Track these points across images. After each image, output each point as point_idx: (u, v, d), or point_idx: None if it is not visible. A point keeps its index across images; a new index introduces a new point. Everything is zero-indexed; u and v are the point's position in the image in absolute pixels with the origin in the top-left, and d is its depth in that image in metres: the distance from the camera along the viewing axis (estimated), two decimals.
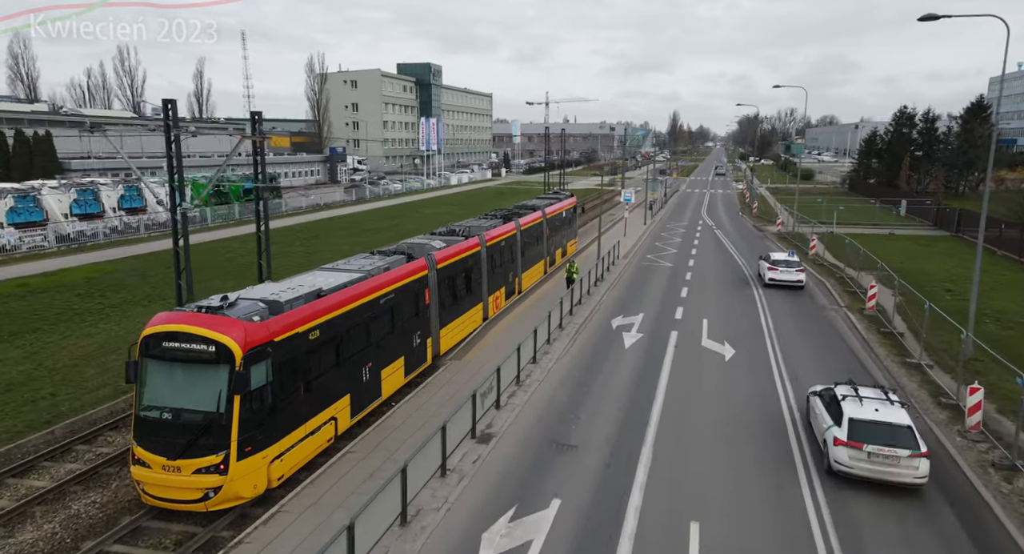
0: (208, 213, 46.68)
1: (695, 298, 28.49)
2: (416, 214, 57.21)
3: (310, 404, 13.59)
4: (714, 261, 37.54)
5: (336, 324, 14.27)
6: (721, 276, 33.35)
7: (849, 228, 48.40)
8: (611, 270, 33.63)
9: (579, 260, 36.10)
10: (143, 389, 12.17)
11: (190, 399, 11.97)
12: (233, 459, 11.72)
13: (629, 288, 30.41)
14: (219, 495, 11.77)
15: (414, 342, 18.48)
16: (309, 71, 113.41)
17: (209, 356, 11.73)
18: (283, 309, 13.10)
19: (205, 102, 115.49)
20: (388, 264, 17.77)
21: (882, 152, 77.26)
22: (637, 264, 36.28)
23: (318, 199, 61.15)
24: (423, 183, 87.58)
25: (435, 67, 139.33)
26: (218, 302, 12.57)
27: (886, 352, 21.04)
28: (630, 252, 39.26)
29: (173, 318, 12.33)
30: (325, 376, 14.08)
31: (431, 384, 18.45)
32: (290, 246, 39.78)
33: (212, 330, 11.81)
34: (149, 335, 12.13)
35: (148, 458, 11.79)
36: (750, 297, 28.84)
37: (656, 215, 57.84)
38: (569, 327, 23.58)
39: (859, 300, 27.78)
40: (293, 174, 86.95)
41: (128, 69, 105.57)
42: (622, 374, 19.21)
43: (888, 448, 12.43)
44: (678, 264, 36.36)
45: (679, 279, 32.38)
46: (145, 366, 12.17)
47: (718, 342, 22.20)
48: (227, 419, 11.68)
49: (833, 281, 31.70)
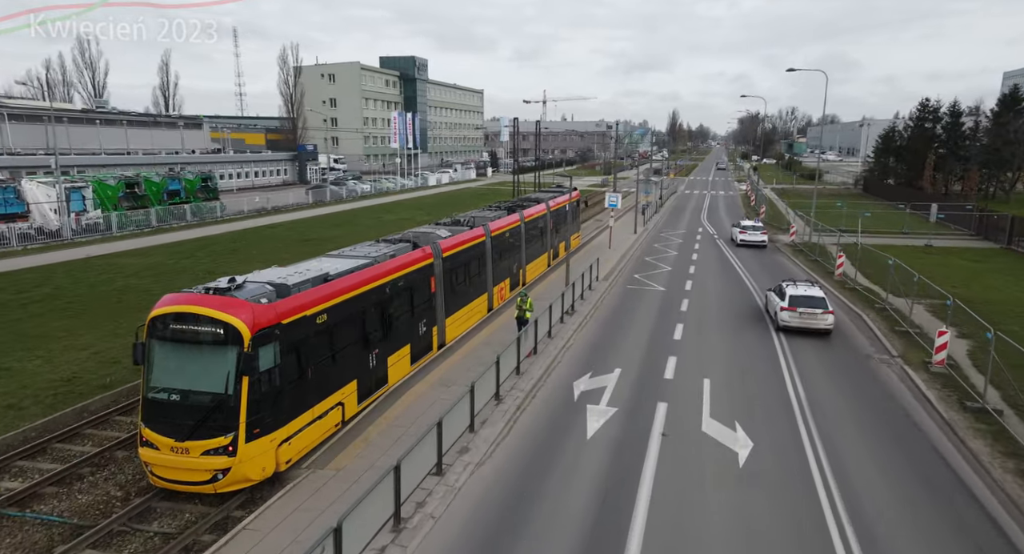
0: (113, 219, 39.19)
1: (693, 342, 21.16)
2: (373, 220, 49.85)
3: (317, 388, 13.44)
4: (717, 283, 30.17)
5: (343, 309, 14.18)
6: (726, 305, 26.02)
7: (874, 238, 41.09)
8: (586, 298, 26.29)
9: (573, 262, 28.78)
10: (151, 371, 12.06)
11: (198, 380, 11.87)
12: (242, 441, 11.57)
13: (606, 326, 23.07)
14: (228, 477, 11.60)
15: (420, 330, 18.38)
16: (282, 64, 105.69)
17: (217, 337, 11.62)
18: (290, 292, 12.95)
19: (171, 96, 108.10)
20: (394, 251, 17.65)
21: (901, 150, 69.97)
22: (621, 288, 28.93)
23: (265, 202, 53.70)
24: (397, 184, 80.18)
25: (420, 61, 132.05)
26: (226, 284, 12.50)
27: (990, 452, 13.67)
28: (613, 271, 31.87)
29: (181, 299, 12.16)
30: (332, 360, 13.94)
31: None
32: (193, 262, 32.40)
33: (221, 311, 11.68)
34: (156, 316, 12.01)
35: (156, 440, 11.65)
36: (765, 340, 21.49)
37: (649, 222, 50.44)
38: (511, 398, 16.24)
39: (915, 345, 20.47)
40: (256, 174, 79.58)
41: (89, 61, 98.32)
42: (573, 505, 11.85)
43: (810, 309, 21.38)
44: (672, 287, 29.03)
45: (673, 311, 25.05)
46: (152, 348, 12.06)
47: (727, 426, 14.88)
48: (235, 400, 11.55)
49: (873, 314, 24.33)
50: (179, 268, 30.78)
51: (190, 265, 31.43)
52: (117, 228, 39.47)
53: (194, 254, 34.01)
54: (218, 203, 48.10)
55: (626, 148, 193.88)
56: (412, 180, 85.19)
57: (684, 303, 26.09)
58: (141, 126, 69.05)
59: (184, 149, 72.60)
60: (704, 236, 44.60)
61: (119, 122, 65.81)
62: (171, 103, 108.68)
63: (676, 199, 72.54)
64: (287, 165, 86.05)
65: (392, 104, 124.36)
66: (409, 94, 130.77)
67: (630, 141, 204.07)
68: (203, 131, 79.90)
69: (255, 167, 79.52)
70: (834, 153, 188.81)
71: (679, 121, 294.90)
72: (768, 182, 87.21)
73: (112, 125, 64.77)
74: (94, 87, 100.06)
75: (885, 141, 72.67)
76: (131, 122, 67.61)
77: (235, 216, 49.05)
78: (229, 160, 74.24)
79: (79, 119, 61.60)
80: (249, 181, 77.60)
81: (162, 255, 33.87)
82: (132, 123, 67.82)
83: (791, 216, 50.70)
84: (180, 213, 44.25)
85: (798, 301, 21.82)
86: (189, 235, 40.32)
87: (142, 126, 69.27)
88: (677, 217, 55.82)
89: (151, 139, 69.44)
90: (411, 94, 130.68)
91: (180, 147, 72.30)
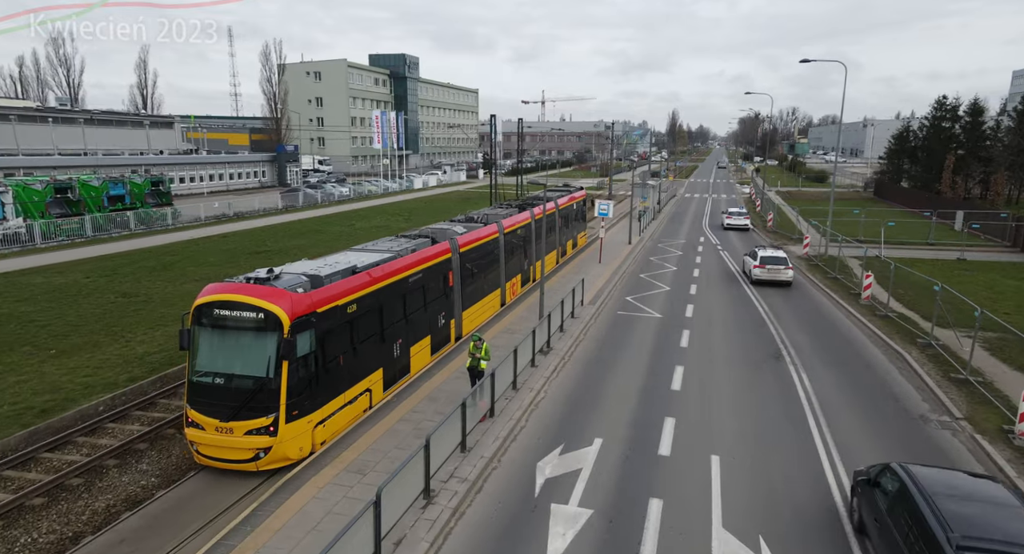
0: (36, 229, 34.56)
1: (696, 394, 16.67)
2: (346, 227, 45.34)
3: (348, 374, 13.98)
4: (724, 308, 25.68)
5: (370, 300, 14.62)
6: (736, 337, 21.53)
7: (897, 250, 36.63)
8: (567, 329, 21.80)
9: (557, 280, 24.29)
10: (196, 355, 12.65)
11: (241, 365, 12.46)
12: (282, 422, 12.18)
13: (589, 369, 18.55)
14: (269, 456, 12.25)
15: (439, 322, 18.82)
16: (264, 60, 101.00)
17: (259, 324, 12.15)
18: (323, 283, 13.47)
19: (150, 95, 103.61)
20: (414, 246, 18.13)
21: (917, 151, 65.49)
22: (610, 314, 24.43)
23: (227, 208, 49.14)
24: (380, 187, 75.63)
25: (411, 58, 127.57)
26: (265, 274, 13.14)
27: None
28: (602, 292, 27.37)
29: (224, 288, 12.70)
30: (361, 348, 14.40)
31: None
32: (110, 282, 27.84)
33: (262, 299, 12.22)
34: (202, 304, 12.57)
35: (202, 420, 12.33)
36: (789, 393, 16.99)
37: (646, 230, 45.92)
38: (446, 493, 11.71)
39: (982, 400, 15.99)
40: (232, 176, 75.01)
41: (63, 58, 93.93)
42: None
43: (775, 265, 28.46)
44: (671, 313, 24.54)
45: (671, 347, 20.55)
46: (197, 334, 12.63)
47: (747, 544, 10.40)
48: (276, 384, 12.14)
49: (917, 352, 19.83)
50: (90, 289, 26.25)
51: (105, 285, 26.90)
52: (42, 239, 34.88)
53: (117, 271, 29.45)
54: (170, 209, 43.48)
55: (625, 149, 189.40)
56: (397, 183, 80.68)
57: (684, 336, 21.58)
58: (102, 125, 64.37)
59: (152, 150, 68.03)
60: (707, 247, 40.09)
61: (76, 120, 61.18)
62: (149, 102, 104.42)
63: (676, 204, 68.02)
64: (266, 167, 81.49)
65: (382, 103, 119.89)
66: (400, 93, 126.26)
67: (629, 142, 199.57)
68: (174, 131, 75.30)
69: (230, 169, 74.90)
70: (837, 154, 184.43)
71: (679, 122, 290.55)
72: (772, 185, 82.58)
73: (70, 124, 60.17)
74: (69, 85, 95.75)
75: (899, 141, 68.14)
76: (89, 120, 62.91)
77: (189, 224, 44.48)
78: (200, 161, 69.63)
79: (30, 117, 57.03)
80: (223, 184, 73.08)
81: (82, 272, 29.35)
82: (91, 122, 63.18)
83: (803, 225, 46.03)
84: (123, 221, 39.73)
85: (767, 260, 28.92)
86: (127, 246, 35.80)
87: (103, 125, 64.59)
88: (676, 225, 51.29)
89: (112, 139, 64.74)
90: (402, 93, 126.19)
91: (146, 147, 67.69)
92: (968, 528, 7.92)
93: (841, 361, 19.43)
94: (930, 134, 63.15)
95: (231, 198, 58.92)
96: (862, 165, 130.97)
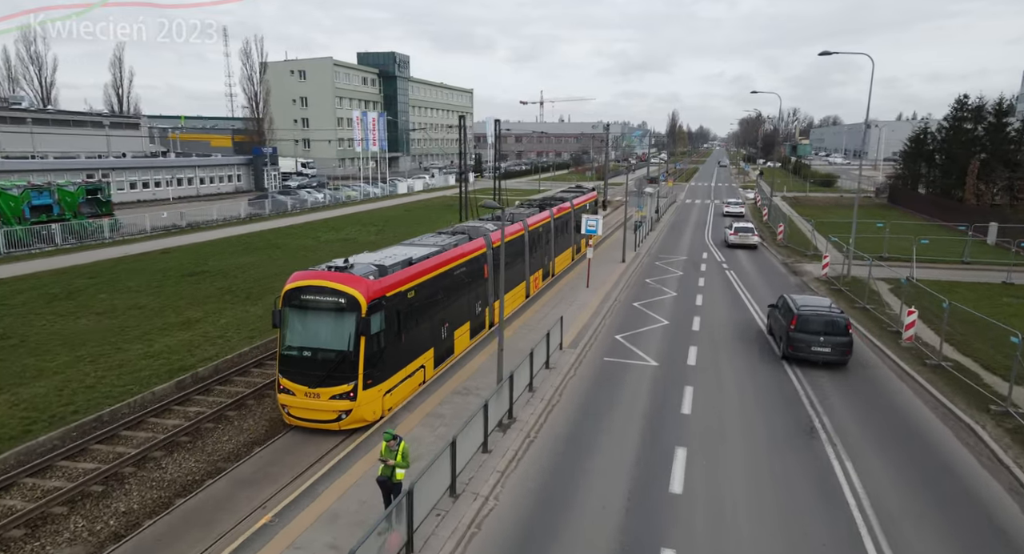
0: None
1: (702, 503, 11.98)
2: (304, 242, 40.62)
3: (408, 351, 16.11)
4: (734, 349, 20.98)
5: (424, 287, 16.69)
6: (753, 399, 16.85)
7: (929, 269, 32.03)
8: (537, 388, 17.12)
9: (534, 314, 19.58)
10: (286, 332, 14.84)
11: (325, 340, 14.63)
12: (360, 388, 14.38)
13: (558, 461, 13.86)
14: (349, 417, 14.55)
15: (476, 309, 20.86)
16: (245, 58, 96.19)
17: (340, 305, 14.32)
18: (388, 272, 15.54)
19: (126, 95, 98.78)
20: (455, 241, 20.13)
21: (934, 154, 60.81)
22: (595, 361, 19.72)
23: (178, 218, 44.35)
24: (361, 192, 70.92)
25: (401, 57, 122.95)
26: (342, 263, 15.35)
27: None
28: (587, 329, 22.65)
29: (309, 275, 14.92)
30: (418, 329, 16.53)
31: None
32: None
33: (343, 284, 14.42)
34: (291, 289, 14.73)
35: (292, 387, 14.62)
36: (833, 497, 12.30)
37: (642, 245, 41.20)
38: None
39: None
40: (203, 180, 70.25)
41: (34, 56, 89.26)
42: None
43: (744, 233, 40.39)
44: (670, 359, 19.86)
45: (670, 414, 15.88)
46: (287, 314, 14.78)
47: None
48: (355, 356, 14.28)
49: (992, 426, 15.12)
50: None
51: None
52: None
53: (5, 301, 24.71)
54: (107, 221, 38.70)
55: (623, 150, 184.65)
56: (380, 188, 75.97)
57: (687, 396, 16.90)
58: (57, 125, 59.55)
59: (113, 153, 63.24)
60: (711, 265, 35.36)
61: (24, 120, 56.39)
62: (125, 101, 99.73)
63: (675, 211, 63.30)
64: (241, 170, 76.73)
65: (371, 104, 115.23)
66: (389, 93, 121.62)
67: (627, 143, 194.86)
68: (140, 132, 70.43)
69: (201, 173, 70.14)
70: (839, 155, 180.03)
71: (679, 122, 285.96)
72: (777, 189, 77.81)
73: (18, 123, 55.39)
74: (40, 83, 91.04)
75: (916, 143, 63.45)
76: (41, 120, 58.11)
77: (131, 237, 39.67)
78: (166, 165, 64.87)
79: None
80: (193, 189, 68.33)
81: None
82: (43, 122, 58.36)
83: (818, 240, 41.05)
84: (49, 235, 35.04)
85: (738, 230, 40.63)
86: (43, 265, 31.06)
87: (58, 125, 59.77)
88: (676, 237, 46.57)
89: (67, 141, 59.91)
90: (391, 93, 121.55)
91: (106, 150, 62.90)
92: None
93: (893, 438, 14.78)
94: (950, 136, 58.44)
95: (201, 205, 54.31)
96: (869, 167, 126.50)
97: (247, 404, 16.93)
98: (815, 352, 18.75)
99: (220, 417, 16.11)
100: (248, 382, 18.26)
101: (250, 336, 21.43)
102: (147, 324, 22.32)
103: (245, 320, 23.25)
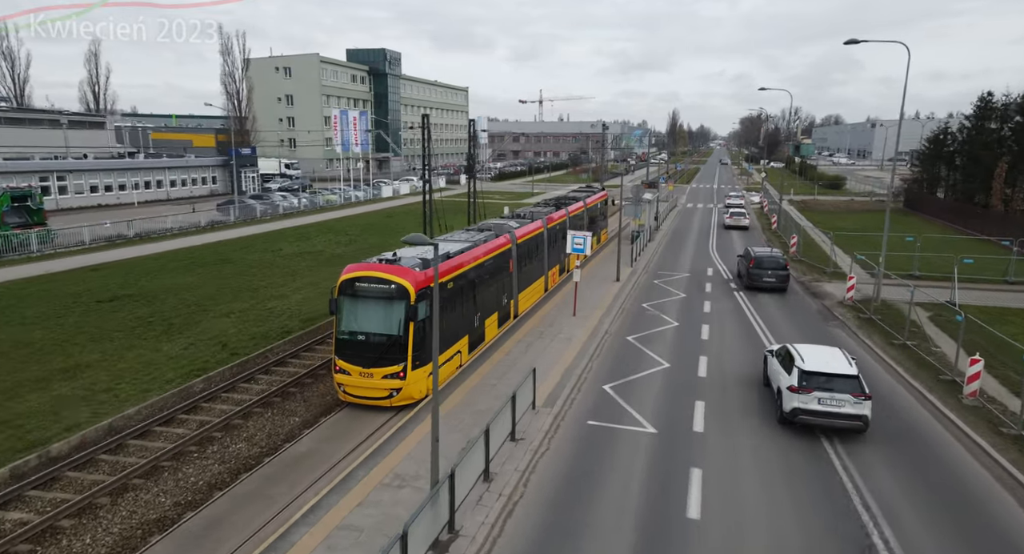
0: None
1: None
2: (262, 255, 36.31)
3: (448, 337, 17.24)
4: (748, 412, 16.69)
5: (460, 279, 18.21)
6: (786, 491, 12.59)
7: (970, 289, 27.79)
8: (496, 475, 12.84)
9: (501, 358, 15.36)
10: (342, 318, 16.30)
11: (378, 325, 16.14)
12: (409, 369, 15.83)
13: None
14: (399, 395, 16.07)
15: (503, 300, 22.40)
16: (225, 54, 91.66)
17: (392, 293, 15.85)
18: (430, 265, 15.88)
19: (102, 92, 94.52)
20: (484, 238, 21.63)
21: (955, 156, 56.51)
22: (574, 429, 15.37)
23: (125, 227, 39.98)
24: (342, 196, 66.61)
25: (392, 54, 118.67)
26: (391, 256, 17.03)
27: None
28: (568, 378, 18.32)
29: (362, 267, 16.52)
30: (455, 317, 17.98)
31: None
32: None
33: (394, 275, 15.94)
34: (346, 280, 16.25)
35: (348, 367, 16.16)
36: None
37: (639, 258, 36.84)
38: None
39: None
40: (173, 183, 65.93)
41: (6, 52, 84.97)
42: None
43: (737, 217, 49.82)
44: (670, 421, 15.56)
45: (673, 521, 11.58)
46: (343, 302, 16.27)
47: None
48: (405, 340, 15.80)
49: None
50: None
51: None
52: None
53: None
54: (35, 232, 34.39)
55: (623, 150, 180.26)
56: (363, 191, 71.66)
57: (693, 485, 12.62)
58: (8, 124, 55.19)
59: (73, 153, 58.93)
60: (717, 286, 30.96)
61: None
62: (102, 99, 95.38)
63: (677, 217, 58.94)
64: (216, 172, 72.41)
65: (359, 102, 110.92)
66: (380, 91, 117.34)
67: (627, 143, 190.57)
68: (106, 131, 66.03)
69: (171, 175, 65.81)
70: (843, 155, 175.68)
71: (679, 122, 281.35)
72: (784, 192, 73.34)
73: None
74: (14, 80, 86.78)
75: (935, 144, 59.12)
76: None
77: (64, 250, 35.30)
78: (131, 167, 60.54)
79: None
80: (163, 192, 64.06)
81: None
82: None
83: (838, 255, 35.64)
84: None
85: (732, 213, 49.06)
86: None
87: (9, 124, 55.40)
88: (678, 248, 42.24)
89: (19, 139, 55.47)
90: (382, 91, 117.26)
91: (64, 150, 58.58)
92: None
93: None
94: (972, 137, 54.13)
95: (163, 210, 50.01)
96: (874, 168, 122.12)
97: (95, 506, 12.17)
98: (765, 281, 28.62)
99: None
100: (113, 464, 13.86)
101: (147, 388, 17.15)
102: (21, 372, 18.03)
103: (151, 363, 18.98)
